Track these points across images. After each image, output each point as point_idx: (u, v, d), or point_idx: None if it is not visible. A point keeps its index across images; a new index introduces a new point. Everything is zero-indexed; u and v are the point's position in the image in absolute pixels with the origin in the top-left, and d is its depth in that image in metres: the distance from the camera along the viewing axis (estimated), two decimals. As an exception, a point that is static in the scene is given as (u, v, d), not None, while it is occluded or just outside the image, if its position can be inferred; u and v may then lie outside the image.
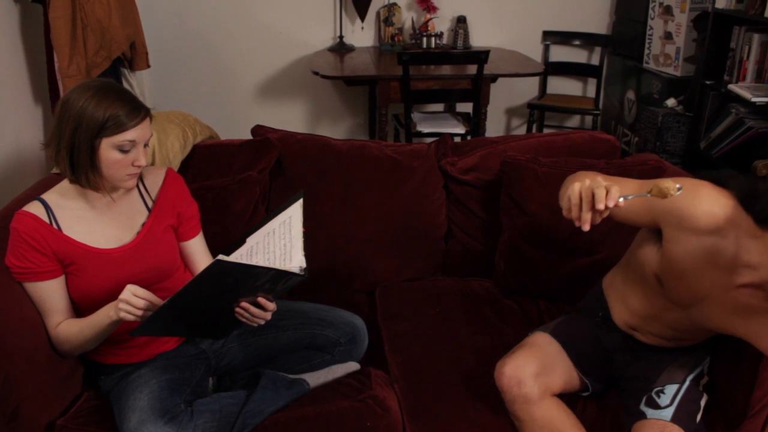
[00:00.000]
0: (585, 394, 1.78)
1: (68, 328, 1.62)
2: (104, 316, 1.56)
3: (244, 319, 1.62)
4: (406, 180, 2.23)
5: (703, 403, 1.68)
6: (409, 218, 2.24)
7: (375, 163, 2.22)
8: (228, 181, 2.08)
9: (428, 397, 1.76)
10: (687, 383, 1.68)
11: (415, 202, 2.23)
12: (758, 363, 1.63)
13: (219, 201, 2.05)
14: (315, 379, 1.77)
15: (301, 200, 1.70)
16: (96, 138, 1.52)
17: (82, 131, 1.51)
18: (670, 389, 1.67)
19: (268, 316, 1.62)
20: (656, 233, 1.60)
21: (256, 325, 1.63)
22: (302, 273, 1.59)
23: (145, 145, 1.61)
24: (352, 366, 1.84)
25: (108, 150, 1.53)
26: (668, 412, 1.62)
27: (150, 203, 1.74)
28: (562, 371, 1.73)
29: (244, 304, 1.58)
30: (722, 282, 1.49)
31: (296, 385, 1.72)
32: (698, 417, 1.65)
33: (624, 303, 1.78)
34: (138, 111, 1.55)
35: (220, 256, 1.42)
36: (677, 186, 1.31)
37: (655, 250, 1.61)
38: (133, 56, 3.12)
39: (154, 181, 1.77)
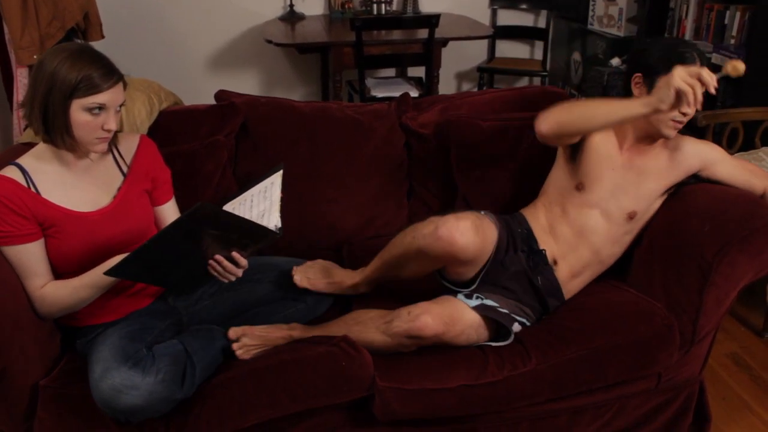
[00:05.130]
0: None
1: (56, 290, 1.64)
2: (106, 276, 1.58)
3: (215, 273, 1.65)
4: (368, 140, 2.29)
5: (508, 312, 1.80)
6: (373, 177, 2.30)
7: (338, 124, 2.28)
8: (196, 146, 2.12)
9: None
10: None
11: (378, 161, 2.30)
12: (703, 292, 1.78)
13: (188, 165, 2.08)
14: None
15: (281, 171, 1.74)
16: (68, 99, 1.53)
17: (55, 92, 1.53)
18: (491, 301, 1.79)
19: (240, 273, 1.66)
20: (567, 156, 1.99)
21: (226, 281, 1.67)
22: (277, 231, 1.64)
23: (118, 110, 1.63)
24: None
25: (78, 112, 1.55)
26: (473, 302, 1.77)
27: (125, 168, 1.77)
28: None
29: (218, 257, 1.61)
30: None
31: (216, 333, 1.76)
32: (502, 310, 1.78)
33: (551, 233, 1.97)
34: (111, 74, 1.57)
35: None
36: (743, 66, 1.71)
37: (569, 168, 1.95)
38: (87, 27, 3.09)
39: (129, 147, 1.80)
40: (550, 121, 1.83)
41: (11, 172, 1.63)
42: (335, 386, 1.70)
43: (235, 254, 1.63)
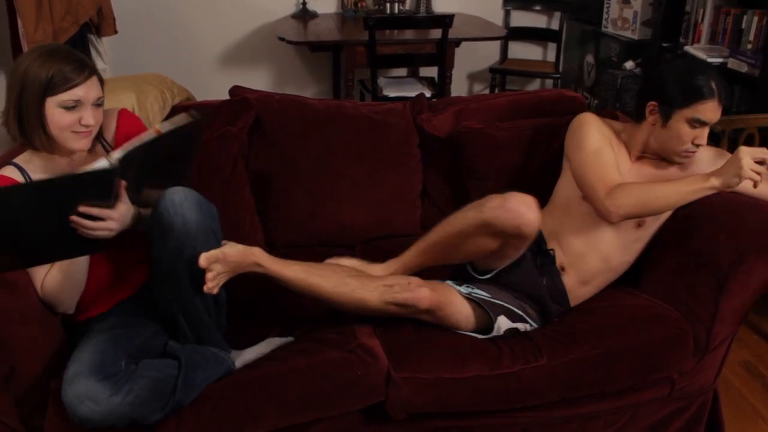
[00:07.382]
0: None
1: (50, 276, 1.61)
2: None
3: (86, 232, 1.51)
4: (383, 139, 2.28)
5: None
6: (387, 176, 2.29)
7: (352, 122, 2.27)
8: (208, 137, 2.09)
9: (408, 343, 1.78)
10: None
11: (392, 160, 2.29)
12: (719, 300, 1.75)
13: (198, 156, 2.06)
14: (247, 355, 1.75)
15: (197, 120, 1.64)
16: (42, 97, 1.52)
17: (27, 91, 1.51)
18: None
19: (112, 225, 1.52)
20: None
21: (99, 236, 1.52)
22: (111, 167, 1.48)
23: (98, 105, 1.60)
24: (289, 339, 1.82)
25: (53, 109, 1.53)
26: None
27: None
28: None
29: (73, 217, 1.48)
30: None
31: (222, 363, 1.70)
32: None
33: (557, 241, 1.96)
34: (83, 69, 1.55)
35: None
36: None
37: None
38: (100, 22, 3.09)
39: (109, 128, 1.75)
40: (621, 214, 1.79)
41: (10, 172, 1.61)
42: (350, 395, 1.68)
43: (84, 209, 1.48)
